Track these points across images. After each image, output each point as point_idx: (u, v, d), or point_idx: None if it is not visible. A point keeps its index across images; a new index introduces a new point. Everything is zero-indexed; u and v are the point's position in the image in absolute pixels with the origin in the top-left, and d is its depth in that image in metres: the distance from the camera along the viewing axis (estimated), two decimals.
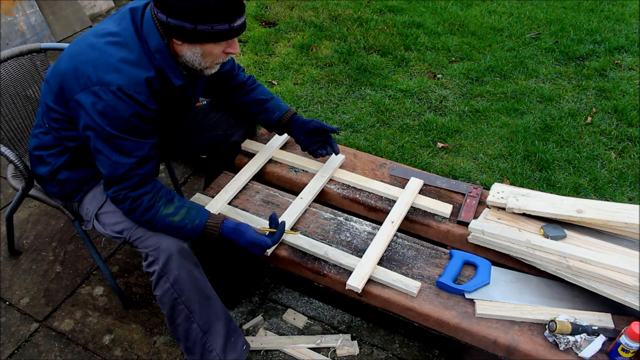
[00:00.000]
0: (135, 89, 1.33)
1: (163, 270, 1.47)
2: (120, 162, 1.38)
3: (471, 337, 1.37)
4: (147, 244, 1.49)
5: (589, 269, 1.37)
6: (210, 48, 1.37)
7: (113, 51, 1.34)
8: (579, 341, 1.28)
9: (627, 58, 3.31)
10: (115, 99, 1.31)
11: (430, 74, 3.21)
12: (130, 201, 1.42)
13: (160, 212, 1.45)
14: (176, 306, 1.51)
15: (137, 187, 1.42)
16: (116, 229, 1.56)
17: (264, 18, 3.83)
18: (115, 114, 1.32)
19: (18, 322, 1.91)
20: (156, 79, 1.38)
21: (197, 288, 1.51)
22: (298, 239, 1.57)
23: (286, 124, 1.80)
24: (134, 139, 1.37)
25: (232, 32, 1.34)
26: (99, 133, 1.35)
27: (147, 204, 1.43)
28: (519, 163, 2.52)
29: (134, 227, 1.51)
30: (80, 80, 1.33)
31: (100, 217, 1.61)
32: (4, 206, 2.36)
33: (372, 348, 1.83)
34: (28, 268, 2.11)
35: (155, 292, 1.51)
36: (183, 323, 1.53)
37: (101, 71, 1.32)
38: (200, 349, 1.56)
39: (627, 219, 1.44)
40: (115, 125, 1.33)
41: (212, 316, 1.56)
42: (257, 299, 1.99)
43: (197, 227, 1.47)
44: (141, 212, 1.43)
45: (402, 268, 1.51)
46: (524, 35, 3.57)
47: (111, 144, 1.36)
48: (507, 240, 1.49)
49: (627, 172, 2.45)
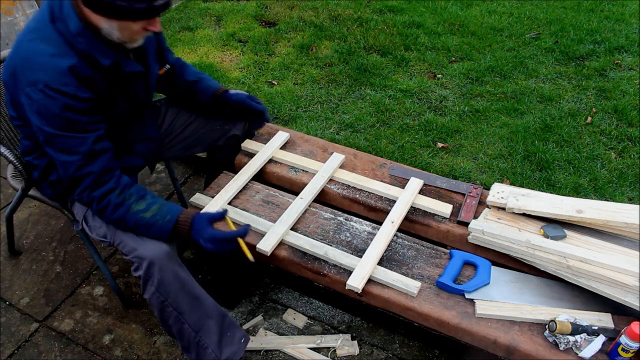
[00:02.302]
0: (60, 82, 1.29)
1: (147, 274, 1.46)
2: (66, 162, 1.35)
3: (471, 337, 1.37)
4: (128, 250, 1.48)
5: (589, 269, 1.37)
6: (128, 25, 1.31)
7: (34, 47, 1.31)
8: (579, 341, 1.28)
9: (627, 58, 3.31)
10: (44, 97, 1.29)
11: (430, 74, 3.21)
12: (96, 201, 1.40)
13: (131, 209, 1.42)
14: (164, 308, 1.51)
15: (97, 186, 1.39)
16: (100, 232, 1.56)
17: (264, 18, 3.83)
18: (48, 112, 1.30)
19: (18, 322, 1.91)
20: (82, 64, 1.33)
21: (184, 289, 1.51)
22: (298, 239, 1.57)
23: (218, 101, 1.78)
24: (74, 135, 1.34)
25: (152, 11, 1.28)
26: (42, 135, 1.33)
27: (115, 200, 1.41)
28: (519, 163, 2.52)
29: (116, 231, 1.50)
30: (18, 84, 1.32)
31: (88, 220, 1.61)
32: (4, 206, 2.36)
33: (372, 348, 1.83)
34: (28, 268, 2.11)
35: (144, 296, 1.52)
36: (174, 324, 1.54)
37: (27, 71, 1.30)
38: (195, 347, 1.57)
39: (627, 219, 1.44)
40: (52, 123, 1.31)
41: (202, 315, 1.56)
42: (257, 299, 1.99)
43: (169, 222, 1.44)
44: (111, 210, 1.41)
45: (402, 268, 1.51)
46: (524, 35, 3.57)
47: (54, 144, 1.34)
48: (507, 240, 1.49)
49: (627, 172, 2.45)
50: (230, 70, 3.20)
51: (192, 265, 2.13)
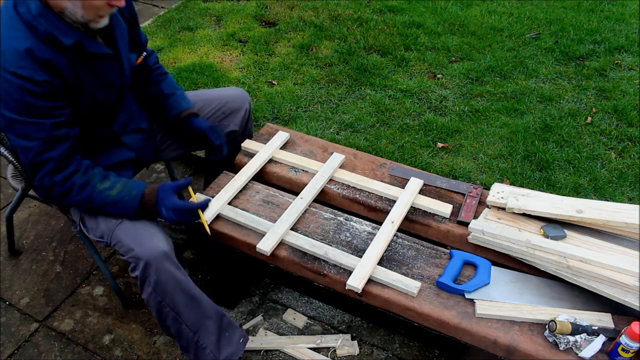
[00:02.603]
0: (17, 65, 1.28)
1: (143, 274, 1.46)
2: (26, 147, 1.35)
3: (471, 337, 1.37)
4: (125, 250, 1.48)
5: (589, 269, 1.37)
6: (91, 1, 1.29)
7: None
8: (579, 341, 1.28)
9: (627, 58, 3.31)
10: (4, 82, 1.28)
11: (430, 74, 3.21)
12: (59, 185, 1.40)
13: (96, 188, 1.43)
14: (162, 309, 1.51)
15: (58, 171, 1.39)
16: (97, 233, 1.56)
17: (264, 18, 3.83)
18: (8, 97, 1.29)
19: (18, 322, 1.91)
20: (40, 46, 1.30)
21: (181, 290, 1.50)
22: (298, 239, 1.57)
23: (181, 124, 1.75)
24: (33, 121, 1.33)
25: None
26: (2, 121, 1.33)
27: (80, 181, 1.41)
28: (519, 163, 2.52)
29: (112, 231, 1.50)
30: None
31: (85, 221, 1.60)
32: (4, 206, 2.36)
33: (372, 348, 1.83)
34: (28, 268, 2.11)
35: (142, 296, 1.52)
36: (172, 324, 1.54)
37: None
38: (194, 347, 1.57)
39: (627, 219, 1.44)
40: (12, 108, 1.30)
41: (200, 315, 1.56)
42: (257, 299, 1.99)
43: (135, 197, 1.46)
44: (76, 191, 1.41)
45: (402, 268, 1.51)
46: (524, 35, 3.57)
47: (13, 130, 1.34)
48: (507, 240, 1.49)
49: (627, 172, 2.45)
50: (230, 70, 3.20)
51: (192, 266, 2.13)
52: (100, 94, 1.50)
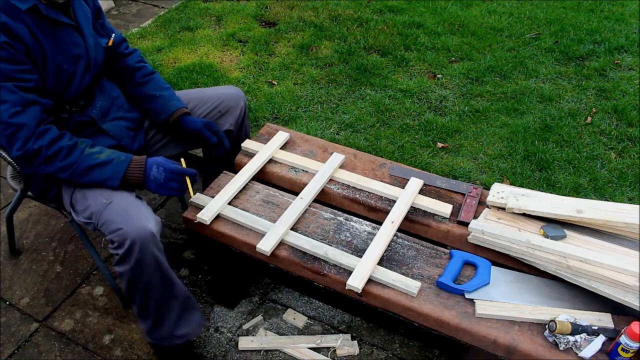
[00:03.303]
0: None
1: (126, 252, 1.45)
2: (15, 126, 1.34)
3: (471, 337, 1.37)
4: (112, 228, 1.47)
5: (589, 269, 1.37)
6: None
7: None
8: (579, 341, 1.28)
9: (627, 58, 3.31)
10: None
11: (430, 74, 3.21)
12: (44, 149, 1.38)
13: (85, 151, 1.42)
14: (134, 283, 1.51)
15: (40, 135, 1.38)
16: (86, 214, 1.54)
17: (264, 18, 3.83)
18: None
19: (18, 322, 1.91)
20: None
21: (159, 271, 1.51)
22: (299, 239, 1.57)
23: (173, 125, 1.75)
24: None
25: None
26: None
27: (68, 143, 1.41)
28: (519, 163, 2.52)
29: (101, 212, 1.49)
30: None
31: (75, 206, 1.59)
32: (4, 206, 2.36)
33: (372, 348, 1.83)
34: (28, 268, 2.11)
35: (115, 268, 1.50)
36: (140, 296, 1.54)
37: None
38: (153, 318, 1.58)
39: (627, 219, 1.44)
40: None
41: (169, 294, 1.57)
42: (257, 299, 1.99)
43: (124, 161, 1.46)
44: (64, 154, 1.40)
45: (402, 268, 1.51)
46: (524, 35, 3.57)
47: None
48: (507, 240, 1.49)
49: (627, 172, 2.45)
50: (230, 70, 3.20)
51: (192, 266, 2.13)
52: (66, 65, 1.50)
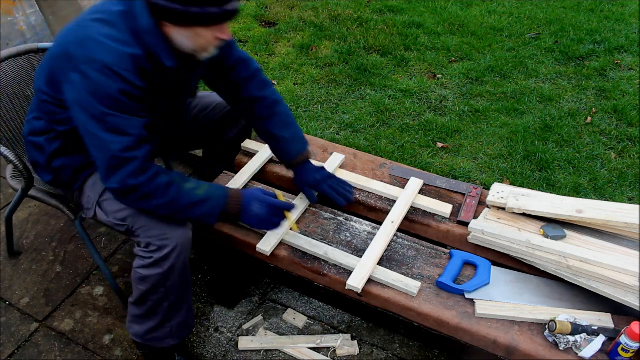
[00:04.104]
0: (120, 66, 1.29)
1: (165, 257, 1.44)
2: (114, 141, 1.32)
3: (471, 337, 1.37)
4: (152, 233, 1.45)
5: (589, 269, 1.37)
6: (201, 32, 1.31)
7: (98, 28, 1.30)
8: (579, 341, 1.28)
9: (627, 58, 3.31)
10: (102, 76, 1.28)
11: (430, 74, 3.21)
12: (144, 186, 1.35)
13: (182, 187, 1.40)
14: (156, 288, 1.49)
15: (142, 171, 1.35)
16: (119, 216, 1.51)
17: (264, 18, 3.83)
18: (103, 92, 1.29)
19: (18, 322, 1.91)
20: (145, 58, 1.33)
21: (185, 277, 1.51)
22: (298, 239, 1.57)
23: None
24: (125, 117, 1.32)
25: (224, 15, 1.28)
26: (89, 113, 1.31)
27: (164, 181, 1.38)
28: (519, 163, 2.52)
29: (139, 215, 1.47)
30: (69, 61, 1.30)
31: (103, 204, 1.56)
32: (4, 206, 2.36)
33: (372, 348, 1.83)
34: (28, 268, 2.11)
35: (141, 271, 1.47)
36: (155, 299, 1.53)
37: (87, 49, 1.28)
38: (160, 318, 1.57)
39: (627, 219, 1.44)
40: (104, 103, 1.29)
41: (184, 299, 1.57)
42: (257, 299, 1.99)
43: (222, 197, 1.44)
44: (162, 191, 1.37)
45: (402, 268, 1.50)
46: (524, 35, 3.57)
47: (103, 123, 1.31)
48: (507, 240, 1.49)
49: (627, 172, 2.45)
50: None
51: (193, 266, 2.13)
52: (163, 108, 1.53)
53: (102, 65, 1.27)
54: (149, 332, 1.60)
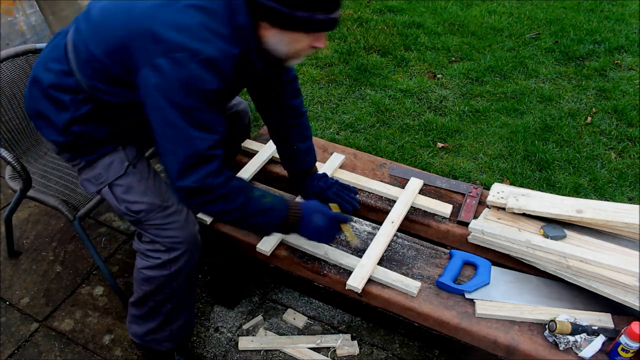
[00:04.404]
0: (225, 63, 1.20)
1: (174, 259, 1.42)
2: (201, 138, 1.22)
3: (471, 337, 1.37)
4: (165, 234, 1.42)
5: (589, 269, 1.37)
6: (300, 38, 1.22)
7: (198, 17, 1.18)
8: (579, 341, 1.28)
9: (627, 58, 3.31)
10: (202, 70, 1.17)
11: (430, 74, 3.21)
12: (220, 187, 1.27)
13: (251, 194, 1.33)
14: (161, 289, 1.48)
15: (219, 173, 1.27)
16: (134, 207, 1.44)
17: None
18: (200, 85, 1.18)
19: (18, 322, 1.91)
20: (239, 57, 1.25)
21: (190, 279, 1.51)
22: (298, 239, 1.57)
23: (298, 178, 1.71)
24: (214, 113, 1.24)
25: (329, 24, 1.21)
26: (175, 103, 1.19)
27: (238, 184, 1.31)
28: (519, 163, 2.52)
29: (156, 212, 1.42)
30: (157, 43, 1.17)
31: (115, 189, 1.46)
32: (4, 206, 2.36)
33: (372, 348, 1.83)
34: (28, 268, 2.11)
35: (146, 272, 1.44)
36: (157, 300, 1.51)
37: (186, 37, 1.16)
38: (161, 319, 1.55)
39: (627, 219, 1.44)
40: (198, 96, 1.20)
41: (188, 300, 1.57)
42: (257, 299, 1.99)
43: (284, 207, 1.38)
44: (234, 195, 1.30)
45: (402, 268, 1.50)
46: (524, 35, 3.57)
47: (191, 117, 1.20)
48: (507, 240, 1.49)
49: (627, 172, 2.45)
50: None
51: None
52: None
53: (205, 59, 1.17)
54: (148, 334, 1.59)
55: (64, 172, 1.92)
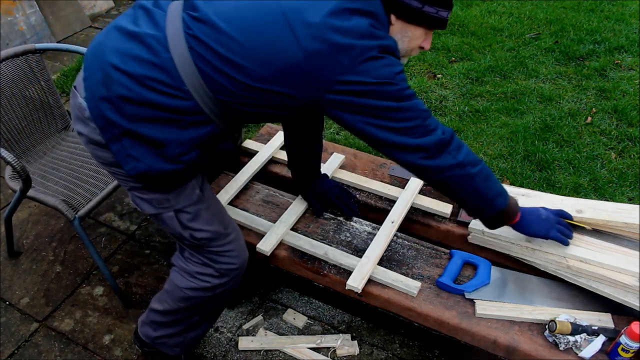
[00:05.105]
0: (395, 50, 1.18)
1: (221, 285, 1.43)
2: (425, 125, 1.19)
3: (471, 337, 1.37)
4: (227, 261, 1.41)
5: (589, 269, 1.37)
6: (419, 35, 1.23)
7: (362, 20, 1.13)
8: (579, 341, 1.28)
9: (627, 58, 3.31)
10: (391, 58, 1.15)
11: (430, 74, 3.21)
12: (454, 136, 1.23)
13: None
14: (196, 308, 1.49)
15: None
16: (198, 235, 1.37)
17: None
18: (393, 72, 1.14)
19: (18, 322, 1.91)
20: None
21: (229, 297, 1.52)
22: (298, 239, 1.57)
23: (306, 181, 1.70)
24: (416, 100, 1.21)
25: (444, 22, 1.22)
26: (395, 97, 1.14)
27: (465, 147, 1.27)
28: (519, 163, 2.52)
29: (219, 240, 1.39)
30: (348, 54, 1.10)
31: (182, 215, 1.36)
32: (4, 206, 2.36)
33: (372, 348, 1.83)
34: (28, 268, 2.11)
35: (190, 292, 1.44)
36: (186, 313, 1.52)
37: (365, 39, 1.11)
38: (181, 327, 1.56)
39: (627, 219, 1.44)
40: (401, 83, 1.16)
41: (213, 312, 1.57)
42: (257, 299, 1.99)
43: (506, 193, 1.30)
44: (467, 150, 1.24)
45: (402, 268, 1.50)
46: (524, 35, 3.57)
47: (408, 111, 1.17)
48: (507, 240, 1.49)
49: (627, 172, 2.45)
50: None
51: None
52: None
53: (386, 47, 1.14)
54: (163, 337, 1.59)
55: (63, 172, 1.92)
